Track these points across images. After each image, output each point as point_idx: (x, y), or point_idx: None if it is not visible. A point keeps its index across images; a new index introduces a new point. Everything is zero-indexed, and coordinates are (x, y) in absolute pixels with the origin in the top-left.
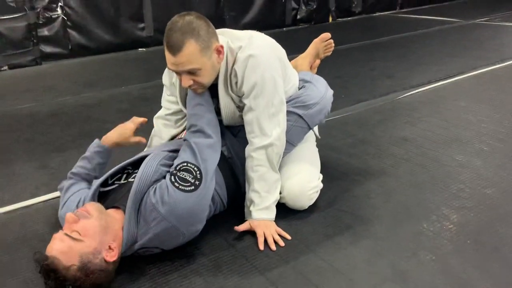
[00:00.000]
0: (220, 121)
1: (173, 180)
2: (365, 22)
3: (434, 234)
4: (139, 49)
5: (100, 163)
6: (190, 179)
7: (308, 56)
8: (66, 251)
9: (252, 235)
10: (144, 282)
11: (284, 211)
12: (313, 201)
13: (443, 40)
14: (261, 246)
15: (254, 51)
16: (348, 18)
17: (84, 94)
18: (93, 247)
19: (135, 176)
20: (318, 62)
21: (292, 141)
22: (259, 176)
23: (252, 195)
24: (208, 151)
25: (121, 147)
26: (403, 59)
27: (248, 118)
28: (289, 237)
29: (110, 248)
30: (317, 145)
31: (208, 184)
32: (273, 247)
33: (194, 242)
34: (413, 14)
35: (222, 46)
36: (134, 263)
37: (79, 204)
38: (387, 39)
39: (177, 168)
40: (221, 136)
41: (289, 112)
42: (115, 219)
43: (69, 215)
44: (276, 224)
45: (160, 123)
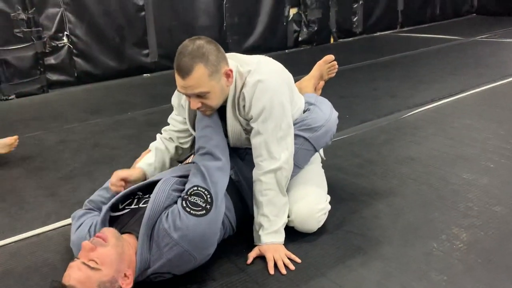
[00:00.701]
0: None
1: (184, 205)
2: (366, 42)
3: (445, 254)
4: (144, 74)
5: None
6: (201, 203)
7: (312, 78)
8: (84, 281)
9: (262, 259)
10: None
11: (293, 234)
12: (321, 223)
13: (444, 58)
14: (271, 271)
15: (263, 76)
16: (350, 39)
17: (91, 120)
18: (110, 276)
19: (146, 201)
20: (322, 83)
21: (299, 163)
22: (268, 200)
23: (261, 219)
24: (217, 174)
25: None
26: (405, 78)
27: (256, 141)
28: (299, 260)
29: (126, 276)
30: (324, 166)
31: (218, 208)
32: (283, 271)
33: (204, 267)
34: (413, 33)
35: (231, 70)
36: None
37: (90, 229)
38: (389, 58)
39: (188, 193)
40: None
41: (295, 135)
42: (129, 245)
43: (85, 243)
44: (286, 247)
45: (165, 135)
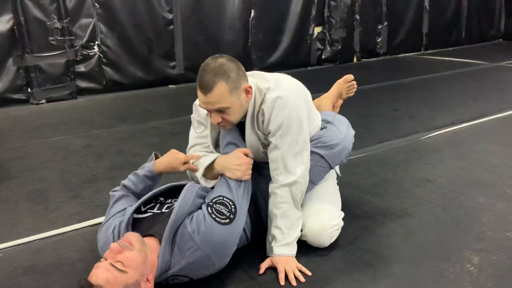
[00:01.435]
0: None
1: (210, 211)
2: (389, 63)
3: (455, 276)
4: (169, 86)
5: (149, 185)
6: (225, 212)
7: (331, 96)
8: (111, 282)
9: (274, 270)
10: None
11: (305, 248)
12: (333, 239)
13: (467, 82)
14: (281, 282)
15: (282, 93)
16: (373, 59)
17: (116, 127)
18: (134, 279)
19: (168, 207)
20: (340, 102)
21: (313, 179)
22: (282, 213)
23: (274, 231)
24: (241, 188)
25: (169, 173)
26: (426, 100)
27: (273, 155)
28: (309, 273)
29: (147, 280)
30: (339, 183)
31: (241, 220)
32: (293, 282)
33: (217, 274)
34: (437, 56)
35: (250, 87)
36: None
37: (114, 230)
38: (411, 80)
39: (213, 201)
40: None
41: (311, 152)
42: (152, 249)
43: (114, 245)
44: (297, 260)
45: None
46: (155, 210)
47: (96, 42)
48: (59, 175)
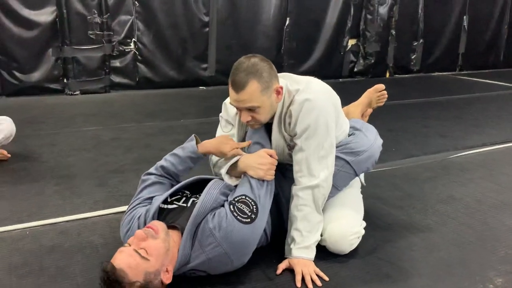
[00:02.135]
0: None
1: (232, 209)
2: (422, 81)
3: None
4: (200, 87)
5: (190, 167)
6: (247, 211)
7: (360, 104)
8: (134, 267)
9: (291, 271)
10: None
11: (324, 253)
12: (353, 246)
13: (501, 105)
14: (298, 284)
15: (310, 95)
16: (406, 75)
17: (146, 123)
18: (156, 268)
19: (193, 202)
20: (370, 111)
21: (337, 185)
22: (303, 215)
23: (294, 233)
24: (264, 188)
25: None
26: (458, 120)
27: (297, 157)
28: (326, 278)
29: (167, 271)
30: (363, 193)
31: (262, 221)
32: (310, 285)
33: (235, 272)
34: (473, 77)
35: (281, 87)
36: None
37: (140, 218)
38: (444, 99)
39: (235, 199)
40: None
41: (337, 157)
42: (174, 241)
43: (139, 232)
44: (316, 264)
45: None
46: (180, 203)
47: (133, 39)
48: (88, 164)
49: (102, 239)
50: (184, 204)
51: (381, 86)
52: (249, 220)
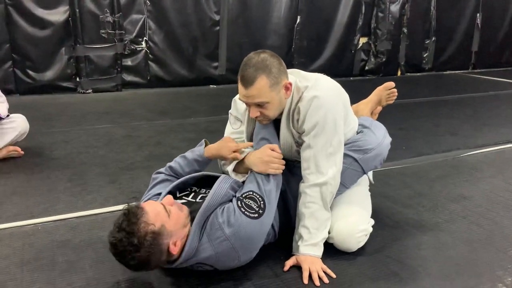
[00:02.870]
0: None
1: (239, 205)
2: (434, 79)
3: None
4: (211, 85)
5: (196, 170)
6: (255, 207)
7: (370, 102)
8: (155, 213)
9: (298, 268)
10: None
11: (332, 251)
12: (361, 244)
13: None
14: (305, 280)
15: (319, 93)
16: (417, 74)
17: (157, 121)
18: (170, 230)
19: (202, 197)
20: (379, 109)
21: (345, 183)
22: (310, 213)
23: (301, 230)
24: (269, 185)
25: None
26: (470, 118)
27: (305, 155)
28: (334, 275)
29: (175, 244)
30: (372, 192)
31: (269, 216)
32: (317, 282)
33: (242, 267)
34: (486, 75)
35: (290, 83)
36: (184, 278)
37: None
38: (456, 97)
39: (243, 195)
40: None
41: (345, 155)
42: (187, 229)
43: (170, 197)
44: (323, 261)
45: None
46: (189, 198)
47: (144, 38)
48: (99, 161)
49: None
50: (193, 200)
51: (391, 84)
52: (256, 215)
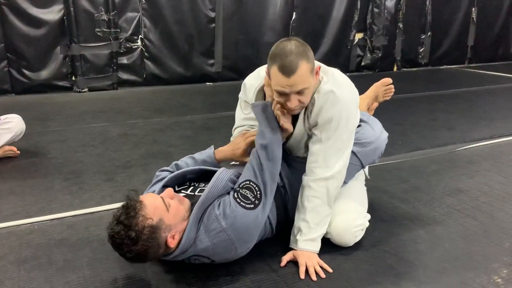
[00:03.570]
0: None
1: (235, 196)
2: (430, 74)
3: (481, 286)
4: (207, 83)
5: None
6: (251, 197)
7: (367, 98)
8: (154, 206)
9: (295, 263)
10: None
11: (329, 246)
12: (358, 238)
13: (511, 97)
14: (302, 275)
15: (336, 89)
16: (414, 69)
17: (153, 119)
18: (169, 224)
19: (201, 190)
20: (376, 104)
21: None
22: (313, 207)
23: (301, 224)
24: (265, 174)
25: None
26: (466, 112)
27: (315, 148)
28: (330, 270)
29: (173, 237)
30: (369, 187)
31: (266, 205)
32: (313, 277)
33: (239, 263)
34: (482, 69)
35: (319, 67)
36: (182, 274)
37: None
38: (452, 92)
39: (240, 186)
40: None
41: None
42: (186, 222)
43: (170, 190)
44: (320, 256)
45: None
46: (188, 192)
47: (140, 36)
48: (95, 159)
49: None
50: (192, 193)
51: (388, 80)
52: (252, 206)
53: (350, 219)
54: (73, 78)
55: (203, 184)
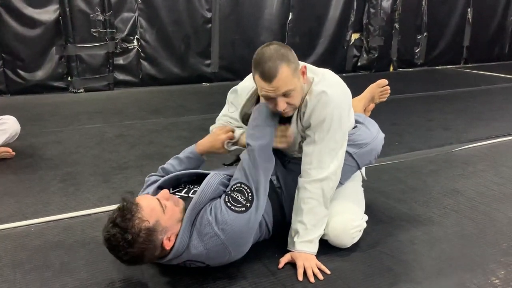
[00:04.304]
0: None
1: (226, 200)
2: (426, 74)
3: (478, 287)
4: (203, 83)
5: (189, 168)
6: (242, 200)
7: (363, 99)
8: (150, 208)
9: (293, 265)
10: None
11: (326, 247)
12: (355, 240)
13: (507, 98)
14: (300, 277)
15: (327, 89)
16: (410, 69)
17: (149, 120)
18: (166, 225)
19: (195, 192)
20: (372, 106)
21: (340, 178)
22: (309, 208)
23: (298, 226)
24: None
25: (211, 154)
26: (462, 113)
27: (309, 149)
28: (328, 272)
29: (169, 239)
30: (366, 187)
31: (259, 207)
32: (311, 279)
33: (237, 265)
34: (478, 70)
35: (305, 67)
36: (179, 277)
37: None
38: (448, 92)
39: (231, 189)
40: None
41: None
42: (180, 224)
43: (166, 191)
44: (317, 258)
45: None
46: (182, 194)
47: (136, 36)
48: (92, 161)
49: None
50: (186, 195)
51: (384, 82)
52: (243, 209)
53: (347, 220)
54: (68, 79)
55: (198, 187)
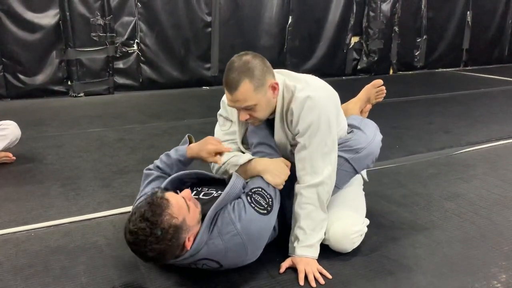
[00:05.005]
0: None
1: (249, 200)
2: (426, 77)
3: None
4: (203, 87)
5: (182, 169)
6: (263, 203)
7: (359, 100)
8: (178, 206)
9: (294, 270)
10: None
11: (327, 252)
12: (356, 244)
13: (507, 101)
14: (301, 282)
15: (311, 93)
16: (409, 72)
17: (150, 123)
18: (189, 225)
19: (205, 194)
20: (369, 107)
21: (338, 184)
22: (306, 213)
23: (297, 231)
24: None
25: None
26: (462, 116)
27: (300, 156)
28: (329, 276)
29: (189, 239)
30: (367, 191)
31: (275, 214)
32: (313, 284)
33: (238, 270)
34: (477, 72)
35: (277, 83)
36: (180, 281)
37: None
38: (448, 95)
39: (252, 191)
40: None
41: None
42: (199, 225)
43: (188, 191)
44: (318, 262)
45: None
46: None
47: (136, 40)
48: (92, 165)
49: (105, 239)
50: (196, 197)
51: (379, 82)
52: (265, 211)
53: (348, 225)
54: (69, 83)
55: (207, 189)
